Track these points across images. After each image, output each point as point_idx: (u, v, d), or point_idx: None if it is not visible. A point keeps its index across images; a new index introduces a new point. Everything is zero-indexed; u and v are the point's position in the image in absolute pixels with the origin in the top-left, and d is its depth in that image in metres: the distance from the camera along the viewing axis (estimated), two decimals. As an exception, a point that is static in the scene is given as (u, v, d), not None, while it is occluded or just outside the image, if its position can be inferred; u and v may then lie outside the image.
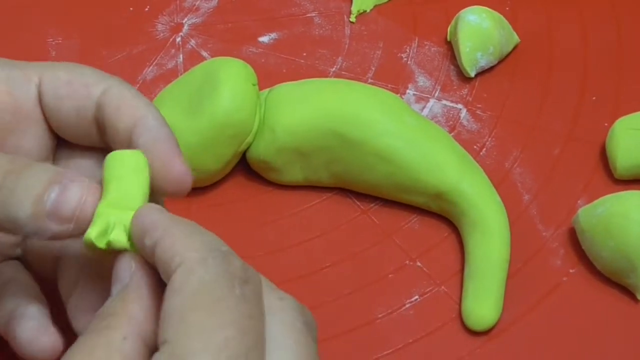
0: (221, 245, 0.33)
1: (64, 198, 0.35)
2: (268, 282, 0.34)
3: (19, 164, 0.36)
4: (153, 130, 0.37)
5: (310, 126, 0.51)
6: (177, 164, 0.36)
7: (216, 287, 0.31)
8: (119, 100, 0.38)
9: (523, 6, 0.61)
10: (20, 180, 0.35)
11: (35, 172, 0.35)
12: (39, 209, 0.35)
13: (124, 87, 0.39)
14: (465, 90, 0.57)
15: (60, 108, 0.39)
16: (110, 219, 0.35)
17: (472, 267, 0.49)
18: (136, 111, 0.38)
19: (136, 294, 0.33)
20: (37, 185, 0.35)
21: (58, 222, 0.35)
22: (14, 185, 0.35)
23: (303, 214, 0.53)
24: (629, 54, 0.58)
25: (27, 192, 0.35)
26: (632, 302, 0.48)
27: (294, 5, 0.62)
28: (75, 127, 0.39)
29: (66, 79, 0.39)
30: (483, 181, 0.51)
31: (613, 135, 0.52)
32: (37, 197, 0.35)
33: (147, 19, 0.61)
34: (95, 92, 0.39)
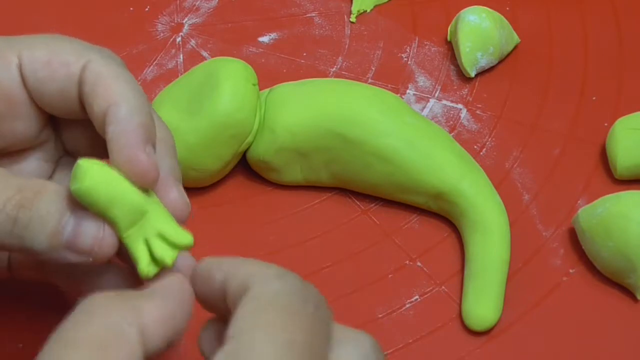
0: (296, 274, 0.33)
1: (80, 232, 0.35)
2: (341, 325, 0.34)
3: (29, 194, 0.35)
4: (121, 121, 0.36)
5: (310, 126, 0.51)
6: (141, 157, 0.35)
7: (292, 299, 0.31)
8: (95, 80, 0.37)
9: (523, 6, 0.61)
10: (33, 214, 0.35)
11: (47, 204, 0.35)
12: (55, 243, 0.35)
13: (103, 63, 0.38)
14: (465, 90, 0.57)
15: (43, 91, 0.38)
16: (140, 245, 0.35)
17: (472, 267, 0.49)
18: (110, 95, 0.37)
19: (155, 296, 0.32)
20: (51, 218, 0.35)
21: (76, 253, 0.35)
22: (28, 220, 0.35)
23: (303, 214, 0.53)
24: (629, 54, 0.58)
25: (42, 226, 0.35)
26: (632, 302, 0.48)
27: (294, 5, 0.62)
28: (60, 106, 0.39)
29: (45, 58, 0.38)
30: (483, 181, 0.51)
31: (613, 135, 0.52)
32: (52, 231, 0.34)
33: (147, 19, 0.61)
34: (75, 70, 0.38)
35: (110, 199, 0.34)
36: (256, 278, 0.31)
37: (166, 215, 0.36)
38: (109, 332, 0.30)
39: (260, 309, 0.30)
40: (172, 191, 0.37)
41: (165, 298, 0.33)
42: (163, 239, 0.35)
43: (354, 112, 0.50)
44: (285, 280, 0.32)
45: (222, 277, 0.33)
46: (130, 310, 0.31)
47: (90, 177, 0.34)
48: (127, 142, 0.36)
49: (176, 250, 0.36)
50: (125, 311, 0.31)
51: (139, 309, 0.31)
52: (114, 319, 0.31)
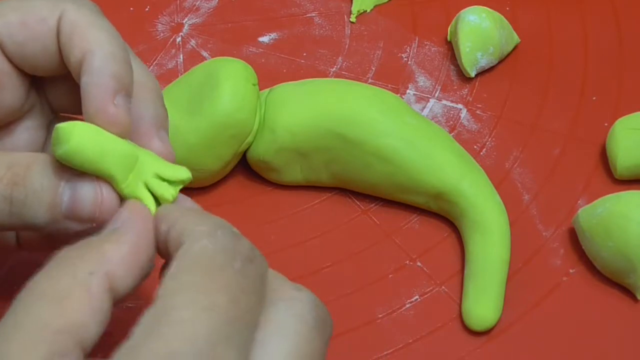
0: (232, 228, 0.32)
1: (78, 199, 0.34)
2: (283, 277, 0.33)
3: (19, 171, 0.35)
4: (93, 72, 0.36)
5: (310, 126, 0.51)
6: (109, 109, 0.35)
7: (217, 256, 0.30)
8: (71, 30, 0.37)
9: (523, 6, 0.61)
10: (27, 191, 0.34)
11: (39, 178, 0.34)
12: (55, 215, 0.34)
13: (77, 11, 0.37)
14: (465, 90, 0.57)
15: (24, 53, 0.38)
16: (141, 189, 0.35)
17: (472, 267, 0.49)
18: (85, 43, 0.36)
19: (118, 238, 0.32)
20: (46, 192, 0.34)
21: (78, 222, 0.35)
22: (24, 197, 0.34)
23: (303, 214, 0.53)
24: (629, 54, 0.58)
25: (38, 202, 0.34)
26: (632, 302, 0.48)
27: (294, 5, 0.62)
28: (44, 64, 0.38)
29: (18, 20, 0.37)
30: (483, 181, 0.51)
31: (613, 135, 0.52)
32: (50, 204, 0.34)
33: (147, 19, 0.61)
34: (52, 24, 0.37)
35: (100, 152, 0.34)
36: (187, 235, 0.31)
37: (156, 157, 0.36)
38: (70, 284, 0.30)
39: (183, 270, 0.30)
40: (154, 141, 0.36)
41: (126, 234, 0.32)
42: (161, 179, 0.35)
43: (354, 112, 0.50)
44: (214, 237, 0.31)
45: (165, 228, 0.33)
46: (94, 258, 0.31)
47: (74, 137, 0.34)
48: (97, 94, 0.35)
49: (177, 187, 0.36)
50: (89, 260, 0.31)
51: (102, 254, 0.31)
52: (75, 270, 0.30)
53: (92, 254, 0.31)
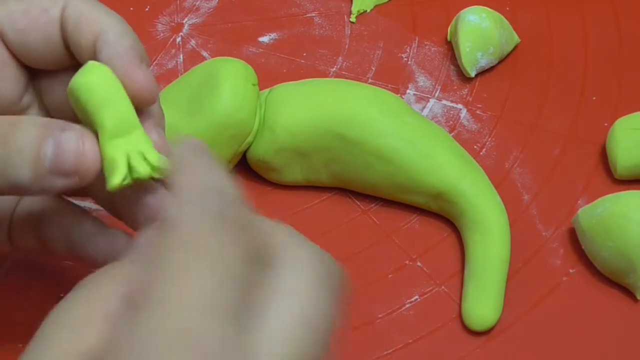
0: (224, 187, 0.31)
1: (61, 151, 0.34)
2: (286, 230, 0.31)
3: (3, 130, 0.34)
4: (113, 44, 0.36)
5: (310, 126, 0.51)
6: (138, 73, 0.35)
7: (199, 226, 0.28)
8: (78, 16, 0.37)
9: (523, 6, 0.61)
10: (10, 147, 0.34)
11: (23, 134, 0.34)
12: (39, 169, 0.34)
13: (81, 1, 0.38)
14: (465, 90, 0.57)
15: (26, 41, 0.38)
16: (121, 155, 0.34)
17: (472, 267, 0.49)
18: (96, 25, 0.37)
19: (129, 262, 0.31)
20: (30, 145, 0.34)
21: (62, 177, 0.34)
22: (7, 155, 0.34)
23: (303, 214, 0.53)
24: (629, 54, 0.58)
25: (22, 158, 0.34)
26: (632, 302, 0.48)
27: (294, 5, 0.62)
28: (45, 55, 0.38)
29: (21, 9, 0.38)
30: (483, 181, 0.51)
31: (613, 135, 0.52)
32: (33, 157, 0.34)
33: (147, 19, 0.61)
34: (55, 13, 0.37)
35: (107, 99, 0.34)
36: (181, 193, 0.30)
37: (149, 142, 0.36)
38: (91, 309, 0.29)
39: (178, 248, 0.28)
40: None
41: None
42: (143, 158, 0.35)
43: (354, 112, 0.50)
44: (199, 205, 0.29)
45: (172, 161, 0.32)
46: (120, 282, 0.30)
47: (96, 74, 0.34)
48: (121, 62, 0.35)
49: (154, 172, 0.36)
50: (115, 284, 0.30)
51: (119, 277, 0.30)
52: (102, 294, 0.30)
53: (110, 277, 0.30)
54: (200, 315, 0.27)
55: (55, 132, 0.34)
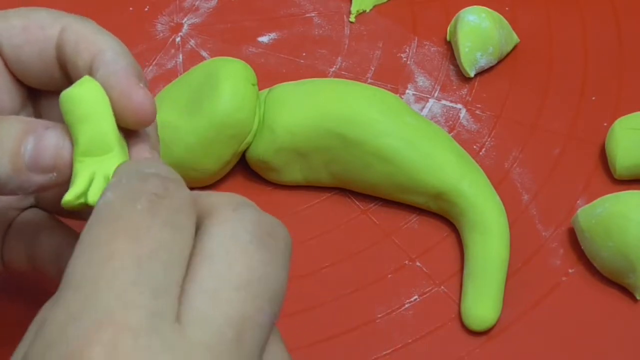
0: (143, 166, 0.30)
1: (41, 147, 0.34)
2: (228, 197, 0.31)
3: None
4: (110, 63, 0.36)
5: (310, 126, 0.51)
6: (136, 93, 0.35)
7: (115, 204, 0.29)
8: (77, 37, 0.37)
9: (523, 6, 0.61)
10: None
11: (7, 127, 0.34)
12: (18, 163, 0.34)
13: (82, 23, 0.38)
14: (464, 90, 0.57)
15: (20, 56, 0.38)
16: (84, 174, 0.34)
17: (471, 267, 0.49)
18: (94, 46, 0.36)
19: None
20: (11, 139, 0.34)
21: (40, 172, 0.34)
22: None
23: (303, 214, 0.53)
24: (629, 54, 0.58)
25: (2, 148, 0.34)
26: (632, 302, 0.48)
27: (294, 5, 0.62)
28: (39, 73, 0.38)
29: (21, 25, 0.38)
30: (483, 181, 0.51)
31: (613, 135, 0.52)
32: (13, 151, 0.34)
33: (147, 19, 0.61)
34: (53, 33, 0.37)
35: (87, 114, 0.34)
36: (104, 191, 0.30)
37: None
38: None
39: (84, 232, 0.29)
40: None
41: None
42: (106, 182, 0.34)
43: (354, 112, 0.50)
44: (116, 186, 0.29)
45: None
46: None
47: (86, 87, 0.34)
48: (119, 80, 0.35)
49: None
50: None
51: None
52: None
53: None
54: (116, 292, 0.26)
55: (38, 129, 0.34)
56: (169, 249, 0.28)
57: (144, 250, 0.27)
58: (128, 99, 0.35)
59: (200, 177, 0.52)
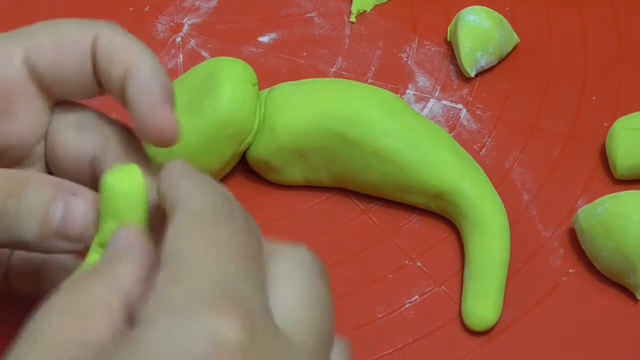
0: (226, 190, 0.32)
1: (69, 216, 0.34)
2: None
3: (15, 184, 0.35)
4: (141, 83, 0.36)
5: (310, 126, 0.51)
6: (163, 119, 0.35)
7: (219, 212, 0.30)
8: (110, 47, 0.37)
9: (523, 6, 0.61)
10: (21, 203, 0.34)
11: (35, 191, 0.34)
12: (46, 230, 0.34)
13: (113, 32, 0.37)
14: (465, 90, 0.57)
15: (58, 75, 0.38)
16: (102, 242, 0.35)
17: (472, 267, 0.49)
18: (127, 58, 0.36)
19: (123, 259, 0.32)
20: (40, 204, 0.34)
21: (66, 240, 0.35)
22: (16, 209, 0.34)
23: (303, 214, 0.53)
24: (629, 54, 0.58)
25: (31, 214, 0.34)
26: (632, 302, 0.48)
27: (294, 5, 0.62)
28: (77, 86, 0.38)
29: (51, 44, 0.37)
30: (483, 181, 0.51)
31: (613, 135, 0.52)
32: (42, 218, 0.34)
33: (147, 19, 0.61)
34: (86, 45, 0.37)
35: (121, 215, 0.34)
36: (181, 197, 0.31)
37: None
38: (90, 301, 0.30)
39: (190, 227, 0.30)
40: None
41: (131, 254, 0.32)
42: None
43: (354, 112, 0.50)
44: (209, 194, 0.31)
45: (163, 189, 0.32)
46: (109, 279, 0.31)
47: (127, 184, 0.34)
48: (148, 104, 0.35)
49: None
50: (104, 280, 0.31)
51: (114, 275, 0.31)
52: (93, 288, 0.30)
53: (106, 275, 0.31)
54: (230, 278, 0.28)
55: (66, 195, 0.35)
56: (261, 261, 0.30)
57: (249, 253, 0.30)
58: (154, 125, 0.35)
59: (201, 177, 0.52)
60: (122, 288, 0.31)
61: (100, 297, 0.30)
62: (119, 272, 0.31)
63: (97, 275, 0.31)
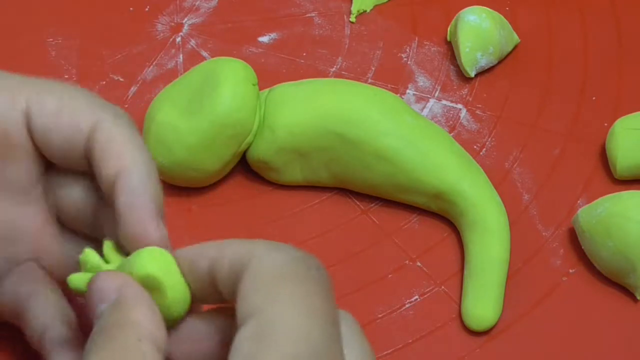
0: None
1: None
2: None
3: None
4: (133, 192, 0.35)
5: (310, 126, 0.51)
6: (152, 232, 0.35)
7: (297, 266, 0.31)
8: (106, 141, 0.36)
9: (523, 6, 0.61)
10: None
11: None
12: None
13: (114, 124, 0.37)
14: (465, 90, 0.57)
15: (50, 140, 0.38)
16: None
17: (472, 267, 0.49)
18: (121, 159, 0.36)
19: (133, 303, 0.32)
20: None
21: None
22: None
23: (303, 214, 0.53)
24: (629, 54, 0.58)
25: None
26: (632, 302, 0.48)
27: (294, 5, 0.62)
28: (65, 157, 0.38)
29: (54, 108, 0.37)
30: (483, 181, 0.51)
31: (613, 135, 0.52)
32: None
33: (147, 19, 0.61)
34: (85, 127, 0.37)
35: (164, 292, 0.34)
36: (252, 254, 0.31)
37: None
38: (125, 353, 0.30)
39: (271, 282, 0.30)
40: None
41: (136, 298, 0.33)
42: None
43: (354, 112, 0.50)
44: (281, 249, 0.31)
45: (207, 264, 0.32)
46: (132, 328, 0.31)
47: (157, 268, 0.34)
48: (139, 217, 0.35)
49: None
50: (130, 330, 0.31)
51: (134, 322, 0.32)
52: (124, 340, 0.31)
53: (125, 327, 0.31)
54: (326, 343, 0.29)
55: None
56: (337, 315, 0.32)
57: (332, 312, 0.31)
58: (144, 237, 0.35)
59: (201, 177, 0.52)
60: (146, 333, 0.31)
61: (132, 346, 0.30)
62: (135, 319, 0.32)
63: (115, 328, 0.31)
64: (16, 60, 0.60)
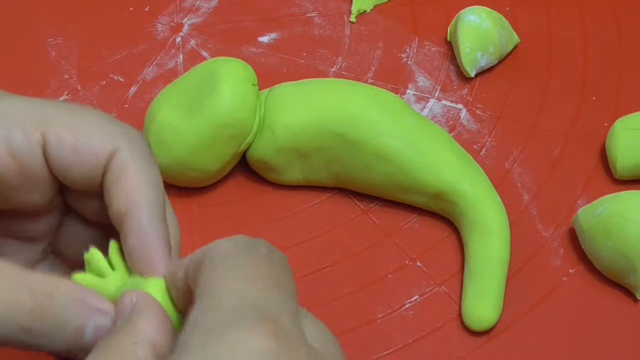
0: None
1: (99, 333, 0.34)
2: None
3: (42, 299, 0.34)
4: (142, 231, 0.35)
5: (310, 126, 0.51)
6: (160, 272, 0.35)
7: (242, 245, 0.32)
8: (120, 173, 0.36)
9: (523, 6, 0.61)
10: (49, 323, 0.34)
11: (63, 312, 0.34)
12: (75, 346, 0.35)
13: (130, 153, 0.37)
14: (465, 90, 0.57)
15: (70, 174, 0.37)
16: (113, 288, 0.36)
17: (472, 267, 0.49)
18: (132, 194, 0.36)
19: (142, 315, 0.33)
20: (70, 326, 0.34)
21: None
22: (45, 330, 0.34)
23: (303, 214, 0.53)
24: (629, 54, 0.58)
25: (62, 334, 0.34)
26: (632, 302, 0.48)
27: (294, 5, 0.62)
28: (81, 185, 0.38)
29: (71, 142, 0.37)
30: (483, 181, 0.51)
31: (613, 135, 0.52)
32: (72, 337, 0.34)
33: (147, 19, 0.61)
34: (102, 159, 0.37)
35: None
36: (208, 247, 0.32)
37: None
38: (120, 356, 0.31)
39: (218, 262, 0.31)
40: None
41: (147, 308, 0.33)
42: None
43: (354, 112, 0.50)
44: (233, 238, 0.33)
45: (182, 273, 0.33)
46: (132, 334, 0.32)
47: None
48: (149, 257, 0.35)
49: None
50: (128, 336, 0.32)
51: (137, 330, 0.33)
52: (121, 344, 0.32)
53: (127, 333, 0.32)
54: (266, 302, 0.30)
55: (95, 314, 0.35)
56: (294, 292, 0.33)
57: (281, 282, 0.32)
58: (149, 274, 0.35)
59: (201, 177, 0.52)
60: (145, 338, 0.32)
61: (129, 349, 0.32)
62: (139, 328, 0.33)
63: (117, 335, 0.32)
64: (16, 60, 0.60)
